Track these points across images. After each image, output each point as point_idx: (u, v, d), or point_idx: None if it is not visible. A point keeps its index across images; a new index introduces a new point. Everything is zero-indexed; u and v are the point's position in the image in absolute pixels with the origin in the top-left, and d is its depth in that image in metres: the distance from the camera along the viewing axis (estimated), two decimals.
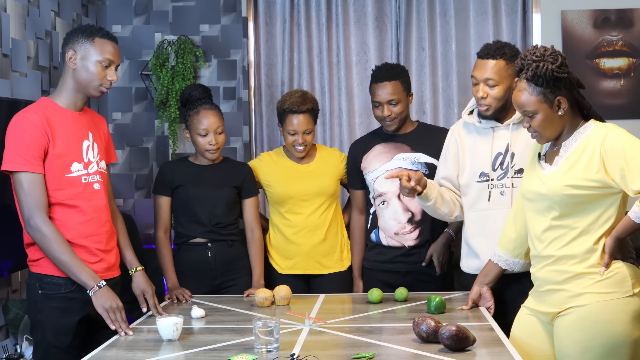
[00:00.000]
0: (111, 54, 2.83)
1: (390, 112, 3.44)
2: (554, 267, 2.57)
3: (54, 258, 2.70)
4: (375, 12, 4.82)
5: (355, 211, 3.68)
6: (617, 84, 4.73)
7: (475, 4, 4.77)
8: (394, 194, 3.48)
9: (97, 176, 2.88)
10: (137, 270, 3.02)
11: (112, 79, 2.84)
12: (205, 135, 3.43)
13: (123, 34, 4.91)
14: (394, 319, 2.93)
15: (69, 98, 2.84)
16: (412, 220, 3.49)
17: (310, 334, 2.65)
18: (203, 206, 3.48)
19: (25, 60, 3.71)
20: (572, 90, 2.56)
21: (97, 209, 2.86)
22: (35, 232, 2.70)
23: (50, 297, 2.77)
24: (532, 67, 2.51)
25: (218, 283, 3.50)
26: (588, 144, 2.51)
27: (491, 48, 3.04)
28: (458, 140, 3.21)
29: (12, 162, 2.69)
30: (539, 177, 2.62)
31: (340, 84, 4.84)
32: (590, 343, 2.46)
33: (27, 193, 2.69)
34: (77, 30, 2.84)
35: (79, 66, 2.80)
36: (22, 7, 3.68)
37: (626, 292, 2.46)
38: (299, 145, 3.60)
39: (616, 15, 4.71)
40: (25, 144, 2.69)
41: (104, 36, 2.83)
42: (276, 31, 4.88)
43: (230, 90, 4.89)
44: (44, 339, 2.77)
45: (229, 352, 2.44)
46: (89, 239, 2.81)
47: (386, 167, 3.50)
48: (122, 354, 2.48)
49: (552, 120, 2.56)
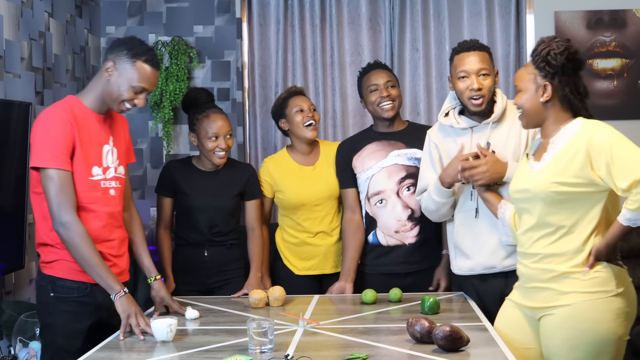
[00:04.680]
0: (148, 82, 2.80)
1: (389, 93, 3.48)
2: (539, 265, 2.58)
3: (82, 258, 2.67)
4: (369, 13, 4.82)
5: (347, 211, 3.60)
6: (610, 84, 4.75)
7: (469, 4, 4.78)
8: (393, 191, 3.47)
9: (114, 182, 2.88)
10: (156, 279, 3.04)
11: (139, 104, 2.82)
12: (216, 139, 3.42)
13: (117, 35, 4.90)
14: (388, 319, 2.94)
15: (96, 102, 2.82)
16: (412, 217, 3.48)
17: (304, 335, 2.66)
18: (204, 216, 3.48)
19: (19, 61, 3.70)
20: (566, 85, 2.55)
21: (111, 215, 2.85)
22: (66, 229, 2.65)
23: (62, 300, 2.75)
24: (539, 46, 2.58)
25: (211, 282, 3.51)
26: (575, 140, 2.52)
27: (472, 42, 3.13)
28: (438, 144, 3.23)
29: (42, 158, 2.66)
30: (526, 175, 2.63)
31: (334, 84, 4.84)
32: (577, 341, 2.49)
33: (59, 190, 2.65)
34: (124, 44, 2.81)
35: (112, 80, 2.78)
36: (15, 7, 3.68)
37: (610, 292, 2.49)
38: (309, 120, 3.60)
39: (609, 16, 4.72)
40: (55, 139, 2.66)
41: (147, 61, 2.79)
42: (270, 32, 4.88)
43: (224, 91, 4.89)
44: (54, 341, 2.75)
45: (223, 353, 2.44)
46: (104, 245, 2.80)
47: (382, 164, 3.49)
48: (116, 356, 2.48)
49: (534, 104, 2.59)
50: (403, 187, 3.47)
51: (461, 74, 3.09)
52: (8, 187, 3.36)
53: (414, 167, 3.46)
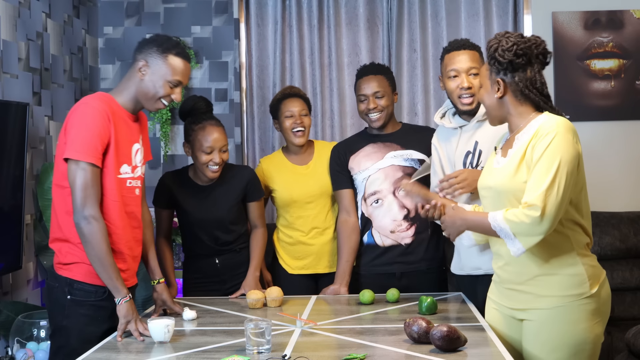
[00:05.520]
0: (182, 75, 2.79)
1: (376, 105, 3.44)
2: (512, 268, 2.57)
3: (97, 255, 2.63)
4: (366, 14, 4.83)
5: (342, 212, 3.57)
6: (607, 85, 4.75)
7: (466, 5, 4.79)
8: (389, 191, 3.47)
9: (139, 182, 2.87)
10: (160, 282, 3.04)
11: (176, 98, 2.81)
12: (210, 153, 3.32)
13: (114, 35, 4.90)
14: (386, 320, 2.93)
15: (130, 101, 2.80)
16: (408, 217, 3.48)
17: (302, 335, 2.66)
18: (206, 231, 3.44)
19: (17, 62, 3.70)
20: (520, 81, 2.50)
21: (132, 215, 2.83)
22: (87, 223, 2.60)
23: (79, 303, 2.72)
24: (489, 42, 2.56)
25: (227, 288, 3.49)
26: (534, 136, 2.47)
27: (462, 41, 3.13)
28: (437, 147, 3.26)
29: (76, 150, 2.62)
30: (492, 171, 2.61)
31: (332, 85, 4.85)
32: (556, 343, 2.49)
33: (86, 184, 2.61)
34: (153, 42, 2.80)
35: (147, 79, 2.77)
36: (13, 8, 3.67)
37: (584, 294, 2.47)
38: (298, 127, 3.59)
39: (607, 17, 4.73)
40: (92, 133, 2.63)
41: (178, 54, 2.79)
42: (268, 33, 4.88)
43: (221, 91, 4.89)
44: (68, 344, 2.72)
45: (221, 353, 2.44)
46: (125, 245, 2.78)
47: (378, 165, 3.49)
48: (113, 356, 2.47)
49: (491, 100, 2.56)
50: (399, 187, 3.47)
51: (451, 73, 3.09)
52: (5, 187, 3.36)
53: (410, 167, 3.46)
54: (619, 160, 4.70)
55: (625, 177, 4.72)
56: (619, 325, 4.14)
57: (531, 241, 2.40)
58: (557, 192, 2.36)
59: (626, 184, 4.73)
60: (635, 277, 4.41)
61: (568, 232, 2.48)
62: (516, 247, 2.43)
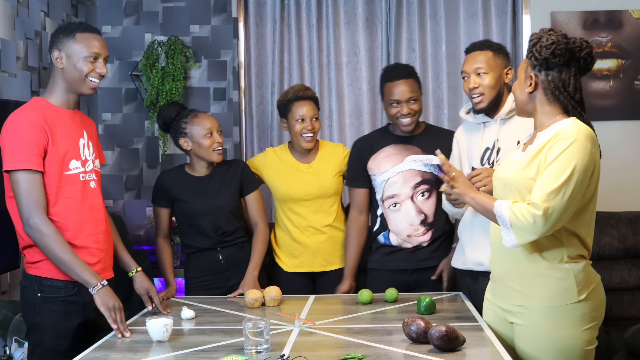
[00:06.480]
0: (97, 47, 2.80)
1: (410, 110, 3.43)
2: (504, 264, 2.57)
3: (55, 257, 2.67)
4: (365, 13, 4.83)
5: (354, 210, 3.59)
6: (606, 85, 4.75)
7: (465, 5, 4.78)
8: (407, 195, 3.47)
9: (93, 174, 2.87)
10: (138, 271, 3.03)
11: (102, 72, 2.81)
12: (212, 135, 3.43)
13: (113, 34, 4.90)
14: (384, 319, 2.93)
15: (62, 97, 2.82)
16: (425, 222, 3.48)
17: (300, 335, 2.66)
18: (207, 219, 3.47)
19: (15, 61, 3.69)
20: (552, 80, 2.49)
21: (93, 207, 2.85)
22: (34, 231, 2.66)
23: (50, 300, 2.74)
24: (531, 36, 2.55)
25: (232, 284, 3.49)
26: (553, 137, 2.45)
27: (478, 43, 3.16)
28: (459, 141, 3.28)
29: (12, 161, 2.65)
30: (507, 163, 2.61)
31: (330, 84, 4.84)
32: (543, 348, 2.48)
33: (25, 192, 2.65)
34: (58, 31, 2.82)
35: (66, 65, 2.78)
36: (11, 7, 3.67)
37: (572, 299, 2.45)
38: (308, 133, 3.59)
39: (605, 17, 4.73)
40: (24, 142, 2.65)
41: (84, 30, 2.80)
42: (266, 32, 4.88)
43: (220, 91, 4.88)
44: (42, 342, 2.74)
45: (219, 353, 2.43)
46: (89, 239, 2.80)
47: (397, 168, 3.48)
48: (112, 356, 2.47)
49: (522, 93, 2.55)
50: (418, 192, 3.47)
51: (463, 74, 3.15)
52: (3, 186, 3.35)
53: (429, 172, 3.46)
54: (618, 160, 4.69)
55: (624, 176, 4.72)
56: (617, 325, 4.14)
57: (526, 238, 2.40)
58: (563, 197, 2.35)
59: (625, 184, 4.72)
60: (634, 276, 4.41)
61: (563, 239, 2.47)
62: (510, 238, 2.43)
